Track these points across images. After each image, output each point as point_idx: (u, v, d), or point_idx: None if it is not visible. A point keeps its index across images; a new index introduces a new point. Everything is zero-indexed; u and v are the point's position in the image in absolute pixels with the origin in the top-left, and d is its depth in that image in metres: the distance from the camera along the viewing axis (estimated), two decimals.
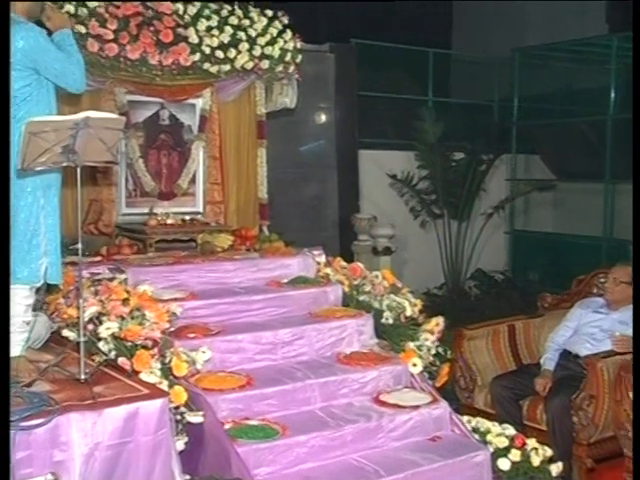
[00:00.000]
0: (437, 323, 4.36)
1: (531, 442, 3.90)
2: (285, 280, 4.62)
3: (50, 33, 3.41)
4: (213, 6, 5.27)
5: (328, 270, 4.77)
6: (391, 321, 4.40)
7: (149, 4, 4.98)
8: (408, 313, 4.45)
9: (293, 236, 6.07)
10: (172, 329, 3.72)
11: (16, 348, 3.35)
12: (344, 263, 4.90)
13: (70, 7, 4.62)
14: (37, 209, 3.30)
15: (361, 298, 4.54)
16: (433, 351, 4.24)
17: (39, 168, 3.11)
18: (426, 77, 9.82)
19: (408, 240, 9.00)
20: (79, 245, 3.24)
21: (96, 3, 4.74)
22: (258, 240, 5.25)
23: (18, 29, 3.22)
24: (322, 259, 4.91)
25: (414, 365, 4.09)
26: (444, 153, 8.97)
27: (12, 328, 3.36)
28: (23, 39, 3.19)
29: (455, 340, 4.99)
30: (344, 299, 4.57)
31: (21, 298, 3.35)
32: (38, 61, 3.24)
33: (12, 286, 3.32)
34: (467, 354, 4.98)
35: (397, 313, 4.43)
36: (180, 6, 5.11)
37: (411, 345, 4.20)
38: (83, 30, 4.69)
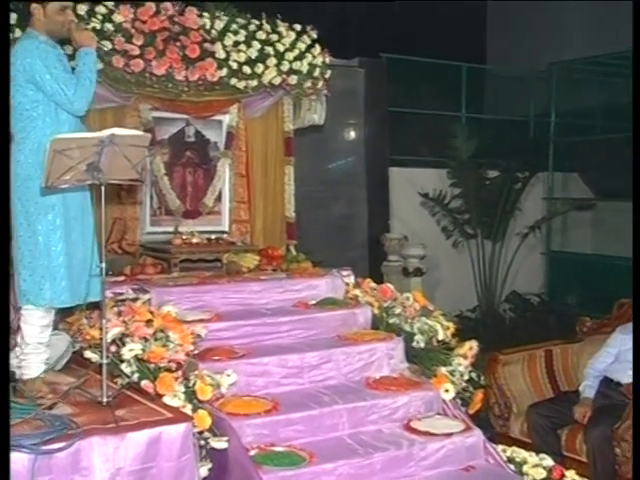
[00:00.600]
0: (470, 347, 4.32)
1: (570, 474, 3.83)
2: (313, 301, 4.62)
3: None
4: (241, 21, 5.32)
5: (357, 291, 4.76)
6: (422, 345, 4.37)
7: (176, 19, 5.04)
8: (440, 337, 4.42)
9: (321, 256, 6.08)
10: (196, 351, 3.73)
11: (33, 370, 3.39)
12: (374, 284, 4.89)
13: (96, 23, 4.70)
14: (57, 230, 3.35)
15: (391, 321, 4.52)
16: (466, 376, 4.20)
17: (63, 186, 3.16)
18: (459, 92, 9.82)
19: (440, 261, 8.96)
20: (102, 264, 3.27)
21: (122, 18, 4.81)
22: (285, 260, 5.26)
23: (19, 46, 3.37)
24: (351, 280, 4.91)
25: (446, 391, 4.06)
26: (478, 171, 8.93)
27: (27, 349, 3.40)
28: (20, 57, 3.32)
29: (489, 365, 4.94)
30: (373, 322, 4.56)
31: (36, 319, 3.40)
32: (35, 79, 3.33)
33: (25, 306, 3.37)
34: (502, 380, 4.93)
35: (429, 337, 4.40)
36: (207, 21, 5.17)
37: (443, 370, 4.17)
38: (109, 46, 4.76)
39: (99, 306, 3.41)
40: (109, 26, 4.77)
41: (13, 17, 4.42)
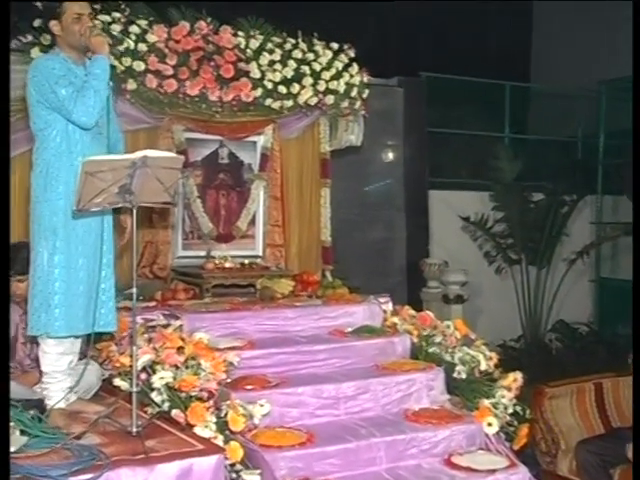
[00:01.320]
0: (515, 379, 4.27)
1: None
2: (349, 329, 4.62)
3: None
4: (276, 39, 5.40)
5: (395, 319, 4.75)
6: (464, 376, 4.33)
7: (210, 38, 5.12)
8: (483, 367, 4.38)
9: (358, 282, 6.07)
10: (229, 380, 3.74)
11: (53, 399, 3.39)
12: (413, 312, 4.87)
13: (130, 42, 4.80)
14: (56, 254, 3.33)
15: (431, 350, 4.49)
16: (510, 410, 4.15)
17: (95, 209, 3.20)
18: (502, 112, 9.78)
19: (482, 287, 8.88)
20: (133, 289, 3.30)
21: (156, 38, 4.90)
22: (321, 286, 5.27)
23: (31, 66, 3.44)
24: (389, 307, 4.91)
25: (489, 425, 4.01)
26: (522, 194, 8.86)
27: (45, 378, 3.43)
28: (30, 77, 3.37)
29: (535, 398, 4.87)
30: (413, 351, 4.54)
31: (50, 346, 3.40)
32: (44, 97, 3.35)
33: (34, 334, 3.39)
34: (548, 414, 4.85)
35: (470, 367, 4.36)
36: (242, 40, 5.24)
37: (486, 402, 4.12)
38: (142, 66, 4.85)
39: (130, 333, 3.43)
40: (143, 46, 4.87)
41: (47, 38, 4.55)
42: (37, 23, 4.60)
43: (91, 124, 3.36)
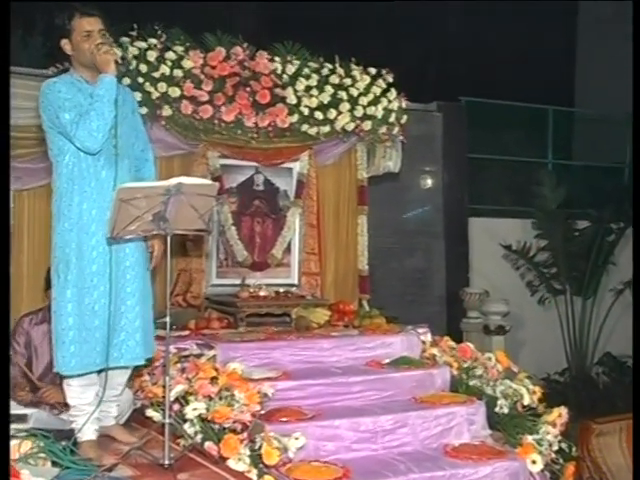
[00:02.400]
0: (559, 414, 4.21)
1: None
2: (387, 360, 4.59)
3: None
4: (313, 64, 5.44)
5: (434, 350, 4.72)
6: (506, 410, 4.28)
7: (246, 64, 5.19)
8: (526, 402, 4.32)
9: (396, 312, 6.04)
10: (263, 412, 3.74)
11: (83, 432, 3.37)
12: (452, 343, 4.85)
13: (166, 69, 4.87)
14: (68, 288, 3.30)
15: (472, 383, 4.45)
16: (555, 447, 4.09)
17: (128, 237, 3.24)
18: (545, 137, 9.73)
19: (524, 318, 8.78)
20: (167, 318, 3.32)
21: (191, 64, 4.97)
22: (357, 316, 5.25)
23: (40, 89, 3.39)
24: (428, 338, 4.88)
25: (533, 462, 3.94)
26: (566, 221, 8.79)
27: (72, 411, 3.44)
28: (40, 102, 3.35)
29: (581, 435, 4.77)
30: (452, 383, 4.50)
31: (73, 379, 3.40)
32: (51, 122, 3.33)
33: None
34: (596, 452, 4.75)
35: (513, 401, 4.31)
36: (278, 65, 5.30)
37: (529, 439, 4.06)
38: (178, 92, 4.92)
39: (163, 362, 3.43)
40: (178, 72, 4.94)
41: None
42: None
43: (95, 148, 3.29)
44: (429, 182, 8.86)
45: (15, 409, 3.73)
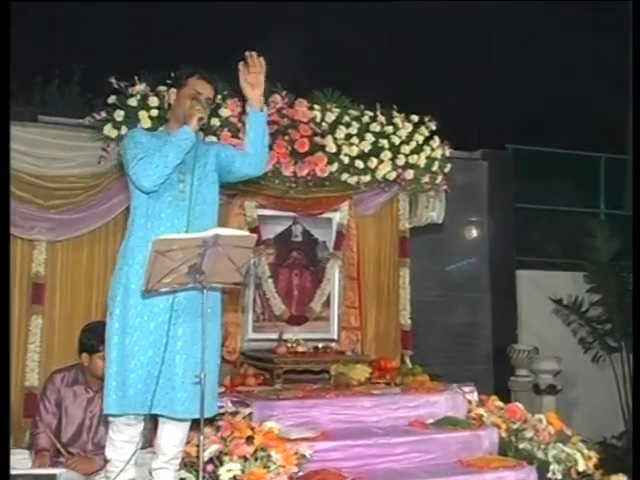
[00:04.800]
0: None
1: None
2: (431, 421, 4.55)
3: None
4: (353, 112, 5.50)
5: (481, 410, 4.67)
6: (559, 476, 4.21)
7: (285, 112, 5.26)
8: (581, 468, 4.25)
9: (440, 369, 5.98)
10: (300, 474, 3.72)
11: None
12: (500, 403, 4.80)
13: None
14: (115, 335, 3.42)
15: (521, 446, 4.39)
16: None
17: (163, 289, 3.28)
18: (597, 186, 9.67)
19: (577, 377, 8.63)
20: (201, 375, 3.33)
21: (228, 112, 5.05)
22: (399, 373, 5.22)
23: None
24: (474, 397, 4.84)
25: None
26: (620, 274, 8.66)
27: (108, 466, 3.47)
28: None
29: None
30: (501, 446, 4.45)
31: (115, 433, 3.47)
32: (124, 164, 3.54)
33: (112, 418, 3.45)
34: None
35: (566, 467, 4.24)
36: (318, 113, 5.36)
37: None
38: (215, 141, 4.99)
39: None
40: (216, 121, 5.02)
41: (120, 114, 4.78)
42: (111, 100, 4.83)
43: (147, 187, 3.42)
44: (474, 233, 8.83)
45: (44, 469, 3.77)
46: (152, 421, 3.60)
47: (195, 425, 3.50)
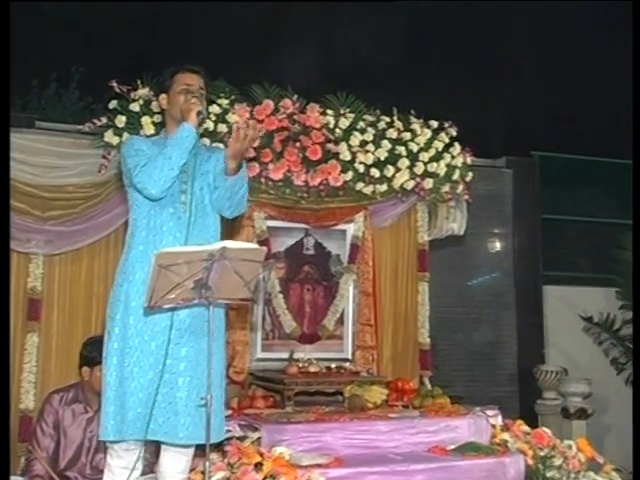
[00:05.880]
0: None
1: None
2: (452, 446, 4.53)
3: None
4: (369, 118, 5.51)
5: (506, 436, 4.65)
6: None
7: (296, 117, 5.27)
8: None
9: (461, 391, 5.99)
10: None
11: None
12: (526, 427, 4.78)
13: (209, 123, 4.98)
14: (113, 355, 3.40)
15: (549, 474, 4.38)
16: None
17: (167, 305, 3.28)
18: (629, 196, 9.63)
19: (609, 400, 8.58)
20: (207, 396, 3.33)
21: (236, 118, 5.07)
22: (418, 395, 5.21)
23: None
24: (498, 421, 4.81)
25: None
26: None
27: None
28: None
29: None
30: (527, 474, 4.42)
31: (113, 458, 3.45)
32: (124, 173, 3.55)
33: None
34: None
35: None
36: (331, 119, 5.37)
37: None
38: (218, 147, 5.00)
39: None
40: (223, 127, 5.05)
41: (121, 120, 4.81)
42: (112, 105, 4.86)
43: (155, 193, 3.41)
44: (498, 246, 8.82)
45: None
46: (154, 445, 3.60)
47: (200, 451, 3.47)
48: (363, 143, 5.41)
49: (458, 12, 11.71)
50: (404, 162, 5.49)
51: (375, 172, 5.41)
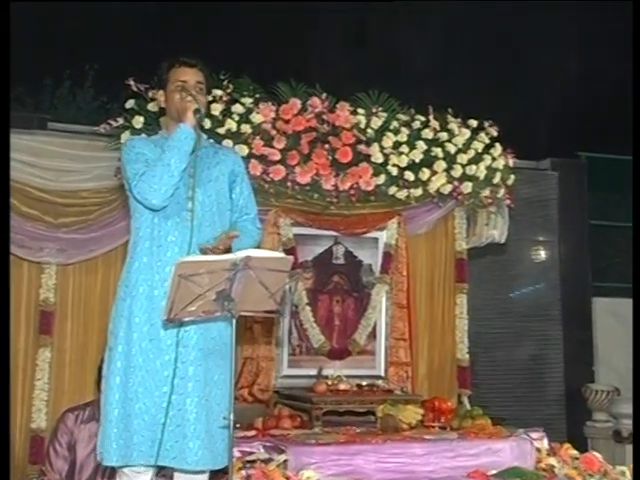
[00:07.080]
0: None
1: None
2: (493, 471, 4.52)
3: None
4: (403, 117, 5.50)
5: (552, 460, 4.64)
6: None
7: (325, 117, 5.28)
8: None
9: (503, 412, 5.96)
10: None
11: None
12: (575, 452, 4.76)
13: (233, 124, 5.00)
14: (116, 375, 3.39)
15: None
16: None
17: (187, 318, 3.29)
18: None
19: None
20: (229, 416, 3.34)
21: (261, 118, 5.09)
22: (456, 415, 5.19)
23: None
24: (544, 445, 4.80)
25: None
26: None
27: None
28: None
29: None
30: None
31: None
32: (125, 178, 3.53)
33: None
34: None
35: None
36: (362, 118, 5.37)
37: None
38: (245, 151, 5.02)
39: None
40: (247, 127, 5.06)
41: (139, 120, 4.85)
42: (129, 105, 4.90)
43: (156, 203, 3.38)
44: (542, 254, 8.77)
45: None
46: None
47: (222, 474, 3.46)
48: (397, 144, 5.40)
49: (499, 8, 11.69)
50: (441, 164, 5.47)
51: (409, 175, 5.40)
